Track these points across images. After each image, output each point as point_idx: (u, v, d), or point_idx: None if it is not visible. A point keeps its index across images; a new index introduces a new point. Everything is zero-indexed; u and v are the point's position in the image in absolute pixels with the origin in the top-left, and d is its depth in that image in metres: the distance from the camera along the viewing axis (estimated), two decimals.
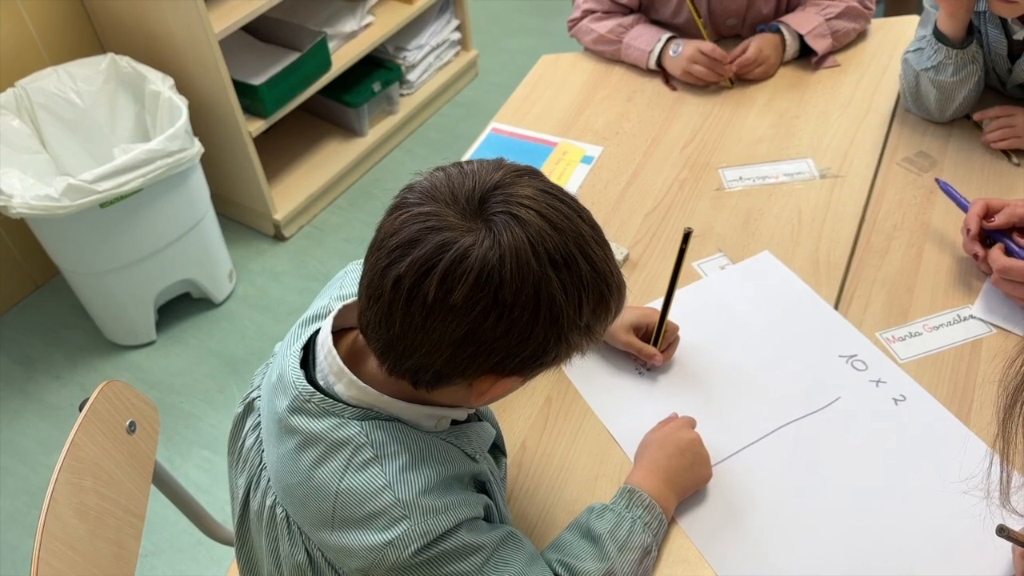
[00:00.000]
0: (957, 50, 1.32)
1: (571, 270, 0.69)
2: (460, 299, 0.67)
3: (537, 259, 0.68)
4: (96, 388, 1.05)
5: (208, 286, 2.27)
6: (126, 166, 1.86)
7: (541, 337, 0.70)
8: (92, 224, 1.92)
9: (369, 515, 0.74)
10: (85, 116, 2.13)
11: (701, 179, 1.39)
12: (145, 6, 2.11)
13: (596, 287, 0.71)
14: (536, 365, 0.74)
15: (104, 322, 2.23)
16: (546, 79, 1.64)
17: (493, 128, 1.54)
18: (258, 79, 2.24)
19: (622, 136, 1.49)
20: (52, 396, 2.15)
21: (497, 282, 0.67)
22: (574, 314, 0.70)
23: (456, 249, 0.67)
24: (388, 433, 0.76)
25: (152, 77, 2.08)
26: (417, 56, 2.76)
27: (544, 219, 0.69)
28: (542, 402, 1.09)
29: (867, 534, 0.94)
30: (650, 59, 1.57)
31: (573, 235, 0.70)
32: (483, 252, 0.67)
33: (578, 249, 0.70)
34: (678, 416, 1.04)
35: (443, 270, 0.67)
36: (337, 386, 0.78)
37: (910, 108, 1.45)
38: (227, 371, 2.19)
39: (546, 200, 0.71)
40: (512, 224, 0.68)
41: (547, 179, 0.75)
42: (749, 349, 1.14)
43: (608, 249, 0.74)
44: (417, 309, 0.69)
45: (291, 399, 0.79)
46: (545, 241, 0.68)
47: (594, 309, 0.72)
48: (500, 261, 0.67)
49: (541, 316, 0.69)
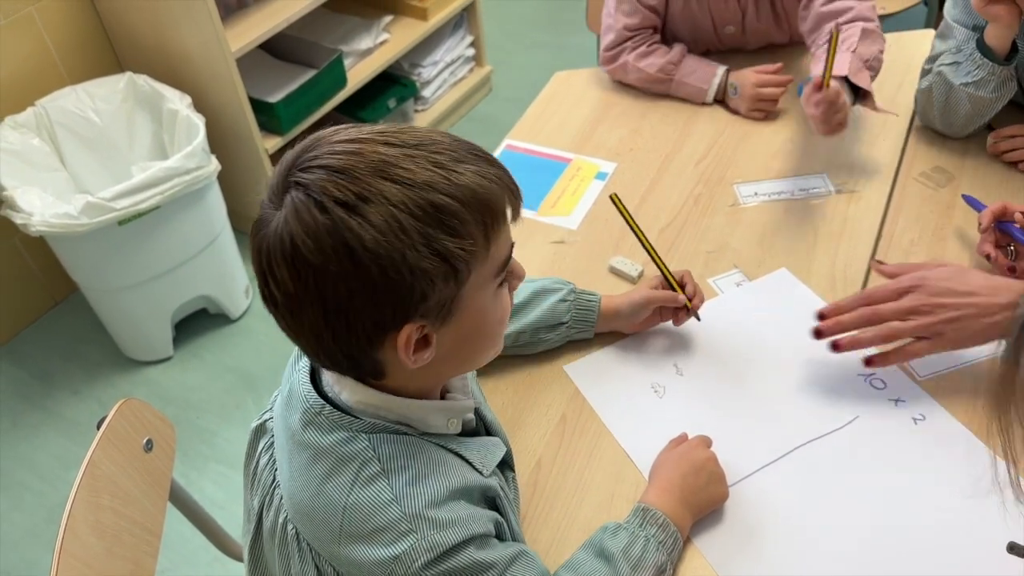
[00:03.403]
0: (1003, 66, 1.28)
1: (372, 202, 0.66)
2: (292, 284, 0.68)
3: (323, 210, 0.66)
4: (113, 404, 1.06)
5: (225, 302, 2.29)
6: (144, 184, 1.88)
7: (389, 278, 0.67)
8: (110, 241, 1.94)
9: (376, 529, 0.74)
10: (103, 134, 2.15)
11: (716, 194, 1.39)
12: (163, 25, 2.13)
13: (418, 202, 0.67)
14: (423, 304, 0.69)
15: (122, 338, 2.24)
16: (560, 96, 1.64)
17: (507, 144, 1.54)
18: (275, 97, 2.26)
19: (636, 152, 1.49)
20: (70, 411, 2.17)
21: (300, 252, 0.67)
22: (404, 240, 0.66)
23: (265, 243, 0.69)
24: (396, 447, 0.76)
25: (169, 95, 2.10)
26: (432, 72, 2.77)
27: (328, 169, 0.67)
28: (557, 420, 1.09)
29: (887, 556, 0.93)
30: (708, 95, 1.54)
31: (367, 167, 0.67)
32: (276, 232, 0.68)
33: (378, 176, 0.67)
34: (688, 436, 1.03)
35: (267, 266, 0.69)
36: (343, 394, 0.79)
37: (931, 122, 1.42)
38: (244, 387, 2.19)
39: (335, 148, 0.69)
40: (296, 192, 0.67)
41: (368, 125, 0.72)
42: (767, 367, 1.13)
43: (447, 157, 0.69)
44: (283, 311, 0.71)
45: (302, 412, 0.79)
46: (328, 190, 0.66)
47: (433, 223, 0.67)
48: (290, 233, 0.67)
49: (362, 260, 0.66)
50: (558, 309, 1.13)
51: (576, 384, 1.12)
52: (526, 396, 1.12)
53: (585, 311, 1.15)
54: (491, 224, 0.71)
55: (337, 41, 2.49)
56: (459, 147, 0.71)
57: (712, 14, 1.58)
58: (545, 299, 1.13)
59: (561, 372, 1.14)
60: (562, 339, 1.16)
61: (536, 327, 1.13)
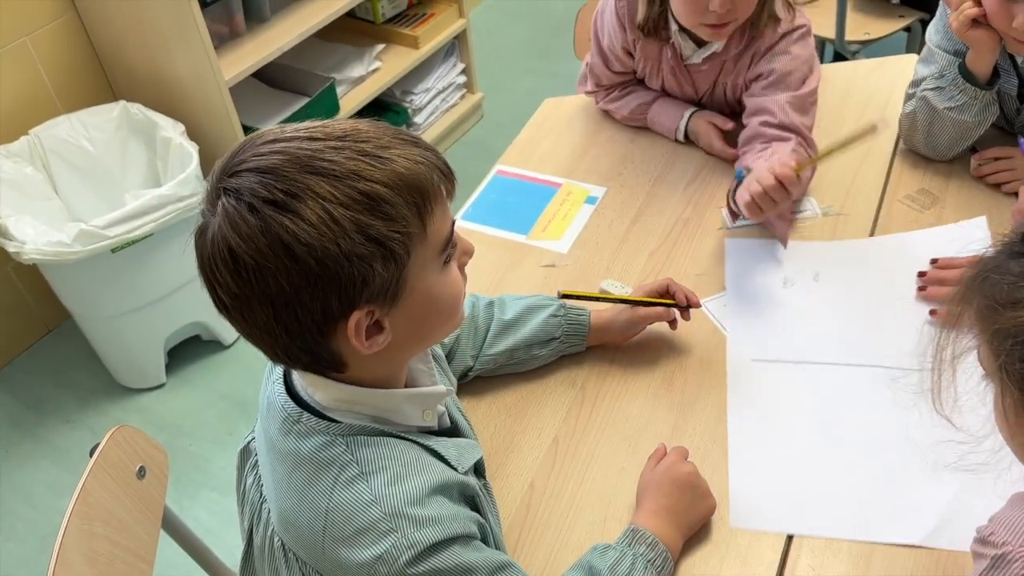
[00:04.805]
0: (984, 90, 1.31)
1: (301, 197, 0.67)
2: (236, 287, 0.69)
3: (253, 211, 0.67)
4: (106, 432, 1.06)
5: (218, 328, 2.29)
6: (137, 211, 1.89)
7: (328, 268, 0.68)
8: (103, 269, 1.94)
9: (358, 531, 0.75)
10: (97, 162, 2.16)
11: (704, 218, 1.40)
12: (156, 54, 2.15)
13: (347, 192, 0.68)
14: (365, 290, 0.70)
15: (114, 365, 2.24)
16: (550, 122, 1.66)
17: (499, 170, 1.56)
18: (267, 124, 2.27)
19: (625, 176, 1.51)
20: (62, 440, 2.16)
21: (237, 255, 0.68)
22: (336, 230, 0.67)
23: (205, 251, 0.70)
24: (374, 449, 0.78)
25: (163, 124, 2.11)
26: (424, 99, 2.80)
27: (255, 171, 0.69)
28: (549, 442, 1.09)
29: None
30: (678, 134, 1.54)
31: (294, 165, 0.68)
32: (213, 240, 0.69)
33: (305, 171, 0.68)
34: (666, 448, 1.03)
35: (210, 273, 0.70)
36: (317, 395, 0.80)
37: (915, 146, 1.44)
38: (236, 413, 2.19)
39: (260, 150, 0.70)
40: (226, 198, 0.69)
41: (295, 124, 0.74)
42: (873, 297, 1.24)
43: (373, 145, 0.71)
44: (234, 313, 0.72)
45: (281, 422, 0.80)
46: (256, 191, 0.68)
47: (364, 210, 0.68)
48: (224, 238, 0.68)
49: (298, 255, 0.67)
50: (549, 324, 1.15)
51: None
52: (519, 419, 1.12)
53: (576, 325, 1.16)
54: (423, 205, 0.72)
55: (330, 69, 2.52)
56: (384, 133, 0.73)
57: (667, 91, 1.59)
58: (536, 315, 1.15)
59: (553, 394, 1.15)
60: (555, 354, 1.17)
61: (529, 343, 1.14)
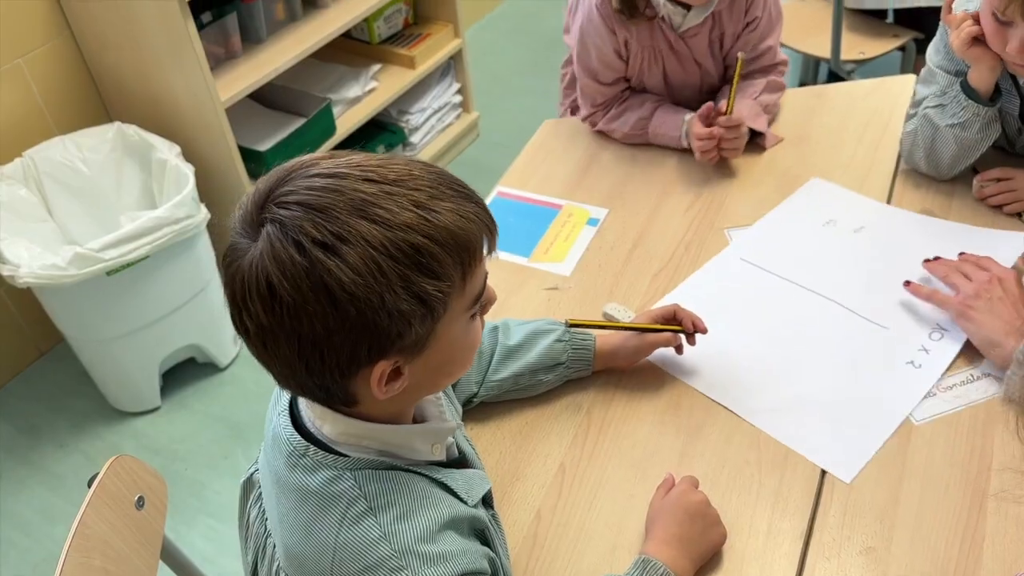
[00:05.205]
0: (987, 107, 1.31)
1: (351, 242, 0.66)
2: (266, 319, 0.68)
3: (300, 250, 0.66)
4: (100, 457, 1.05)
5: (213, 350, 2.27)
6: (133, 234, 1.87)
7: (366, 319, 0.67)
8: (98, 292, 1.93)
9: (366, 568, 0.73)
10: (91, 184, 2.14)
11: (707, 240, 1.40)
12: (152, 75, 2.14)
13: (397, 244, 0.67)
14: (398, 342, 0.70)
15: (108, 389, 2.22)
16: (549, 143, 1.66)
17: (499, 192, 1.55)
18: (264, 145, 2.27)
19: (626, 197, 1.50)
20: (56, 465, 2.13)
21: (275, 290, 0.66)
22: (381, 282, 0.66)
23: (239, 276, 0.68)
24: (382, 484, 0.76)
25: (159, 145, 2.10)
26: (420, 119, 2.79)
27: (305, 207, 0.67)
28: (556, 469, 1.08)
29: None
30: (683, 141, 1.54)
31: (346, 206, 0.67)
32: (252, 269, 0.67)
33: (357, 215, 0.66)
34: (675, 478, 1.02)
35: (241, 300, 0.69)
36: (324, 428, 0.78)
37: (917, 164, 1.44)
38: (232, 436, 2.17)
39: (314, 183, 0.68)
40: (272, 227, 0.67)
41: (346, 155, 0.72)
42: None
43: (426, 194, 0.69)
44: (256, 340, 0.71)
45: (287, 455, 0.79)
46: (306, 229, 0.66)
47: (412, 265, 0.67)
48: (266, 271, 0.67)
49: (339, 301, 0.66)
50: (555, 349, 1.13)
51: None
52: (523, 446, 1.11)
53: (582, 351, 1.15)
54: (468, 263, 0.72)
55: (326, 90, 2.51)
56: (438, 182, 0.71)
57: (668, 80, 1.60)
58: (541, 340, 1.13)
59: (558, 419, 1.14)
60: (560, 379, 1.16)
61: (535, 369, 1.13)
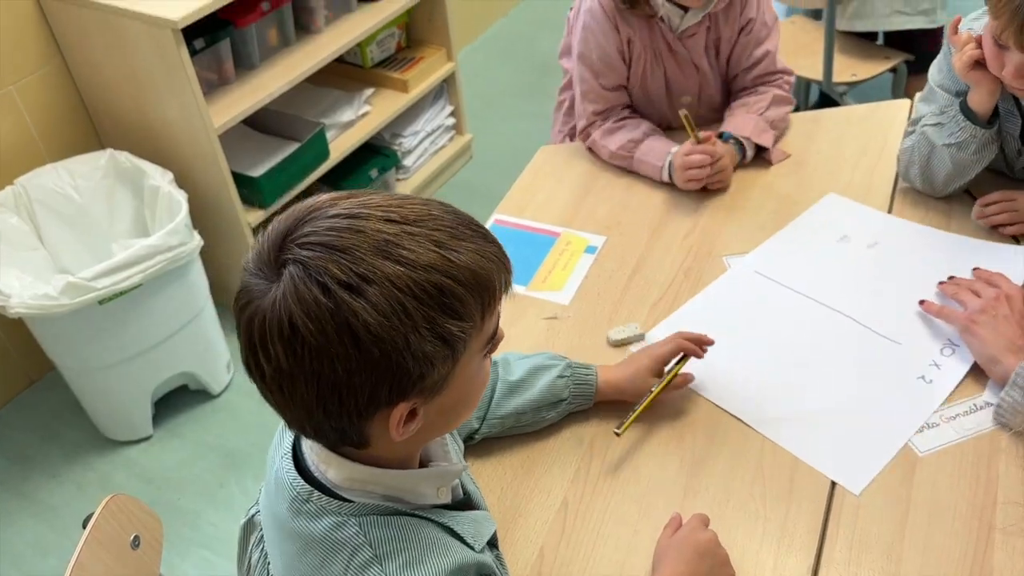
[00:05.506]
0: (984, 129, 1.32)
1: (375, 283, 0.65)
2: (286, 362, 0.67)
3: (325, 291, 0.65)
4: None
5: (206, 378, 2.25)
6: (125, 262, 1.85)
7: (390, 360, 0.66)
8: (90, 321, 1.91)
9: None
10: (83, 212, 2.13)
11: (705, 268, 1.39)
12: (145, 102, 2.13)
13: (421, 284, 0.66)
14: (420, 384, 0.69)
15: (100, 418, 2.19)
16: (546, 169, 1.65)
17: (496, 219, 1.54)
18: (257, 171, 2.26)
19: (624, 225, 1.49)
20: (48, 496, 2.10)
21: (298, 331, 0.65)
22: (407, 323, 0.66)
23: (259, 317, 0.67)
24: (387, 530, 0.74)
25: (151, 172, 2.09)
26: (413, 142, 2.79)
27: (328, 248, 0.66)
28: (559, 505, 1.06)
29: None
30: (663, 174, 1.54)
31: (369, 247, 0.66)
32: (274, 310, 0.66)
33: (380, 256, 0.66)
34: (682, 518, 1.00)
35: (259, 342, 0.68)
36: (329, 472, 0.77)
37: (911, 181, 1.45)
38: (226, 464, 2.14)
39: (335, 223, 0.68)
40: (294, 268, 0.66)
41: (365, 195, 0.71)
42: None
43: (447, 234, 0.69)
44: (271, 384, 0.69)
45: (290, 501, 0.77)
46: (330, 270, 0.65)
47: (436, 306, 0.67)
48: (288, 311, 0.66)
49: (364, 343, 0.65)
50: (557, 386, 1.12)
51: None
52: (525, 481, 1.10)
53: (583, 386, 1.14)
54: (488, 303, 0.72)
55: (320, 114, 2.51)
56: (457, 222, 0.71)
57: (669, 84, 1.61)
58: (542, 376, 1.12)
59: (560, 453, 1.12)
60: (562, 415, 1.15)
61: (538, 406, 1.11)
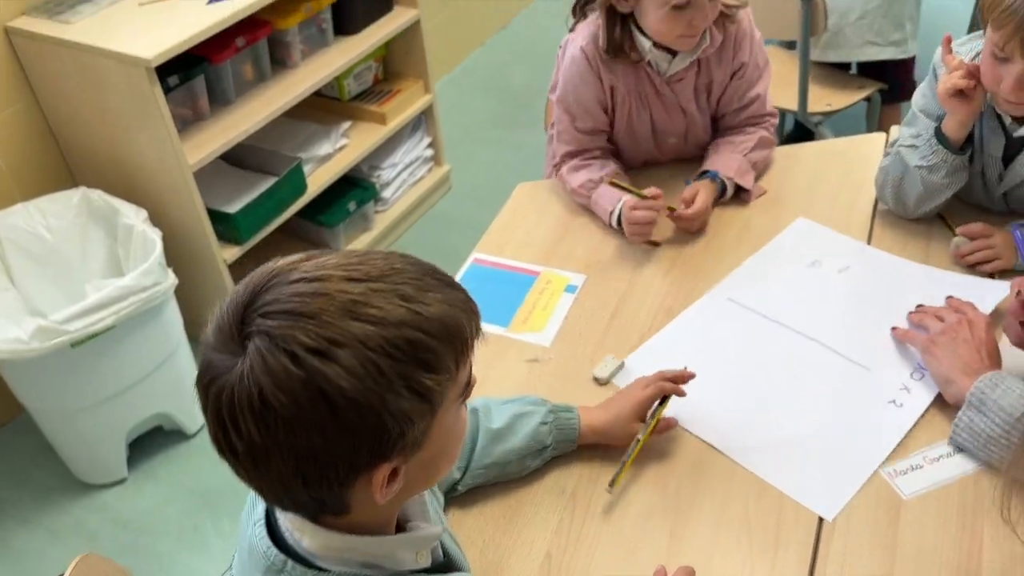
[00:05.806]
0: (956, 155, 1.34)
1: (346, 345, 0.64)
2: (259, 436, 0.65)
3: (294, 360, 0.63)
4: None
5: (181, 417, 2.21)
6: (98, 304, 1.82)
7: (368, 423, 0.65)
8: (62, 364, 1.87)
9: None
10: (55, 251, 2.10)
11: (686, 306, 1.38)
12: (118, 140, 2.11)
13: (393, 343, 0.65)
14: (400, 442, 0.67)
15: (73, 461, 2.14)
16: (525, 207, 1.64)
17: (475, 259, 1.52)
18: (233, 207, 2.23)
19: (603, 264, 1.48)
20: (18, 541, 2.05)
21: (270, 404, 0.63)
22: (381, 383, 0.64)
23: (226, 393, 0.65)
24: None
25: (125, 210, 2.06)
26: (391, 174, 2.78)
27: (293, 315, 0.64)
28: (542, 558, 1.04)
29: None
30: (612, 219, 1.53)
31: (336, 309, 0.65)
32: (242, 384, 0.64)
33: (348, 317, 0.64)
34: (667, 571, 0.96)
35: (229, 418, 0.65)
36: (304, 541, 0.74)
37: (884, 200, 1.48)
38: (201, 506, 2.10)
39: (299, 288, 0.66)
40: (259, 340, 0.64)
41: (322, 255, 0.70)
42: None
43: (413, 287, 0.68)
44: (245, 460, 0.67)
45: (263, 570, 0.75)
46: (298, 338, 0.63)
47: (410, 361, 0.66)
48: (257, 384, 0.64)
49: (340, 408, 0.64)
50: (540, 433, 1.11)
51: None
52: (508, 531, 1.07)
53: (566, 431, 1.13)
54: (461, 351, 0.71)
55: (296, 148, 2.49)
56: (422, 273, 0.70)
57: (655, 126, 1.61)
58: (525, 423, 1.11)
59: (543, 503, 1.10)
60: (545, 460, 1.13)
61: (522, 455, 1.10)
